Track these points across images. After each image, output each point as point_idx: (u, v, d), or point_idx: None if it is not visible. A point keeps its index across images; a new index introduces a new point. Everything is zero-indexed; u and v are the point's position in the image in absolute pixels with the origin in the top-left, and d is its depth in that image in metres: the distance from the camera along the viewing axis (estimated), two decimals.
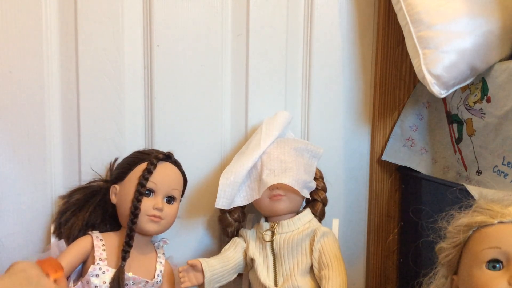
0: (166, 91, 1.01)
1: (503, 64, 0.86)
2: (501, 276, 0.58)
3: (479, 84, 0.89)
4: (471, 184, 0.89)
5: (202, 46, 1.02)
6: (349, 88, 1.09)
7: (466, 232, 0.65)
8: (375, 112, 1.08)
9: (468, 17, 0.85)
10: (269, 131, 0.97)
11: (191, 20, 1.01)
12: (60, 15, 0.96)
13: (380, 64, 1.06)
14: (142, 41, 1.00)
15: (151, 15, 0.99)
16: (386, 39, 1.05)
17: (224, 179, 0.91)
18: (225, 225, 0.98)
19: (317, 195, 0.98)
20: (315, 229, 0.90)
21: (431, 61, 0.86)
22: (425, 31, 0.87)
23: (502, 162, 0.84)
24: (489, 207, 0.64)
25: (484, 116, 0.87)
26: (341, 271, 0.86)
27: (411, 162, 1.07)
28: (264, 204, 0.92)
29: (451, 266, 0.68)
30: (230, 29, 1.03)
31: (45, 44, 0.96)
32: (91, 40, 0.97)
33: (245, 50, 1.03)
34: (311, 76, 1.07)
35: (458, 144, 0.97)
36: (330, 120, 1.08)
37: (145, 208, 0.87)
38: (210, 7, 1.01)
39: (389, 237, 1.12)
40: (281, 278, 0.90)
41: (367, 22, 1.08)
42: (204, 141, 1.04)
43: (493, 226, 0.62)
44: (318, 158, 0.98)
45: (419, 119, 1.07)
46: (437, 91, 0.87)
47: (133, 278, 0.86)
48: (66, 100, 0.98)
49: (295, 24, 1.05)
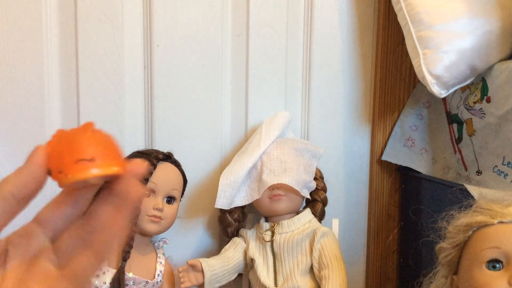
0: (166, 91, 1.01)
1: (503, 64, 0.85)
2: (501, 276, 0.58)
3: (479, 84, 0.89)
4: (471, 184, 0.89)
5: (202, 46, 1.02)
6: (349, 88, 1.09)
7: (466, 232, 0.65)
8: (375, 112, 1.08)
9: (468, 17, 0.85)
10: (269, 131, 0.97)
11: (191, 20, 1.01)
12: (60, 15, 0.96)
13: (380, 64, 1.06)
14: (142, 41, 1.00)
15: (151, 15, 0.99)
16: (386, 39, 1.05)
17: (224, 179, 0.91)
18: (225, 225, 0.98)
19: (317, 195, 0.98)
20: (315, 229, 0.90)
21: (431, 61, 0.86)
22: (425, 31, 0.87)
23: (502, 162, 0.84)
24: (489, 207, 0.64)
25: (484, 116, 0.87)
26: (341, 271, 0.86)
27: (411, 162, 1.07)
28: (264, 204, 0.92)
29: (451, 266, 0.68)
30: (230, 29, 1.03)
31: (45, 44, 0.96)
32: (91, 40, 0.97)
33: (245, 50, 1.03)
34: (311, 76, 1.06)
35: (458, 144, 0.97)
36: (330, 120, 1.08)
37: (145, 209, 0.87)
38: (210, 7, 1.01)
39: (389, 237, 1.12)
40: (281, 278, 0.90)
41: (367, 22, 1.08)
42: (204, 141, 1.04)
43: (493, 226, 0.62)
44: (318, 158, 0.98)
45: (419, 119, 1.07)
46: (437, 91, 0.87)
47: (133, 279, 0.86)
48: (66, 100, 0.98)
49: (295, 24, 1.05)
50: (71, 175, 0.30)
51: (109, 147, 0.32)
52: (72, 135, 0.31)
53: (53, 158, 0.31)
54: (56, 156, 0.31)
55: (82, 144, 0.30)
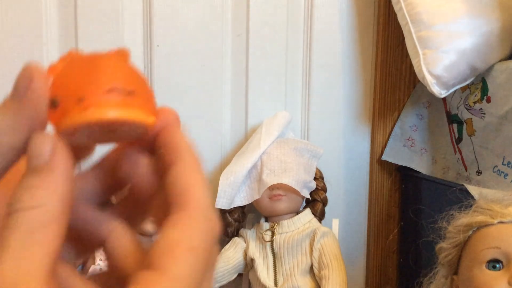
0: (166, 91, 1.01)
1: (503, 64, 0.85)
2: (501, 276, 0.58)
3: (479, 84, 0.89)
4: (471, 184, 0.89)
5: (202, 46, 1.02)
6: (349, 88, 1.09)
7: (466, 232, 0.65)
8: (375, 112, 1.08)
9: (468, 17, 0.85)
10: (269, 131, 0.97)
11: (191, 20, 1.01)
12: (60, 15, 0.96)
13: (380, 64, 1.06)
14: (142, 41, 1.00)
15: (151, 15, 0.99)
16: (386, 39, 1.05)
17: (224, 179, 0.91)
18: (225, 225, 0.98)
19: (317, 195, 0.98)
20: (315, 229, 0.90)
21: (431, 61, 0.86)
22: (425, 31, 0.87)
23: (502, 162, 0.84)
24: (489, 207, 0.64)
25: (484, 116, 0.87)
26: (341, 271, 0.86)
27: (411, 162, 1.07)
28: (264, 204, 0.92)
29: (451, 266, 0.68)
30: (230, 29, 1.03)
31: (45, 44, 0.96)
32: (91, 40, 0.97)
33: (245, 50, 1.03)
34: (311, 76, 1.06)
35: (458, 144, 0.97)
36: (330, 120, 1.08)
37: None
38: (210, 7, 1.01)
39: (389, 237, 1.12)
40: (281, 278, 0.90)
41: (367, 22, 1.08)
42: (204, 141, 1.04)
43: (493, 226, 0.62)
44: (318, 158, 0.98)
45: (419, 119, 1.07)
46: (437, 91, 0.87)
47: None
48: None
49: (295, 24, 1.05)
50: (100, 109, 0.18)
51: (146, 85, 0.22)
52: (99, 58, 0.20)
53: (64, 84, 0.19)
54: (71, 80, 0.19)
55: (117, 69, 0.20)
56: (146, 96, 0.20)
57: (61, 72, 0.20)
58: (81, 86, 0.18)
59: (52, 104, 0.19)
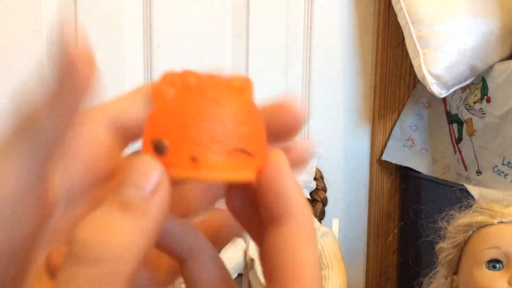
0: None
1: (503, 64, 0.85)
2: (501, 276, 0.58)
3: (479, 84, 0.89)
4: (471, 184, 0.89)
5: (202, 46, 1.02)
6: (349, 88, 1.09)
7: (466, 232, 0.65)
8: (375, 112, 1.08)
9: (468, 17, 0.85)
10: None
11: (191, 20, 1.01)
12: (60, 15, 0.96)
13: (380, 64, 1.06)
14: (142, 41, 1.00)
15: (151, 15, 0.99)
16: (386, 39, 1.05)
17: None
18: None
19: (317, 195, 0.98)
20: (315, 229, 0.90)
21: (431, 61, 0.86)
22: (425, 31, 0.87)
23: (502, 162, 0.84)
24: (489, 207, 0.64)
25: (484, 116, 0.87)
26: (341, 271, 0.86)
27: (411, 162, 1.07)
28: None
29: (451, 266, 0.68)
30: (230, 29, 1.03)
31: (46, 44, 0.96)
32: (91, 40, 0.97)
33: (245, 50, 1.03)
34: (311, 76, 1.06)
35: (458, 144, 0.97)
36: (330, 120, 1.08)
37: None
38: (210, 7, 1.01)
39: (389, 237, 1.12)
40: None
41: (367, 22, 1.08)
42: None
43: (493, 226, 0.62)
44: (318, 158, 0.98)
45: (419, 119, 1.07)
46: (437, 91, 0.87)
47: None
48: None
49: (295, 24, 1.05)
50: (215, 172, 0.16)
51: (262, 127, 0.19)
52: (218, 94, 0.18)
53: (175, 125, 0.17)
54: (183, 124, 0.17)
55: (238, 122, 0.18)
56: (261, 144, 0.18)
57: (170, 105, 0.17)
58: (196, 141, 0.16)
59: (158, 147, 0.17)
